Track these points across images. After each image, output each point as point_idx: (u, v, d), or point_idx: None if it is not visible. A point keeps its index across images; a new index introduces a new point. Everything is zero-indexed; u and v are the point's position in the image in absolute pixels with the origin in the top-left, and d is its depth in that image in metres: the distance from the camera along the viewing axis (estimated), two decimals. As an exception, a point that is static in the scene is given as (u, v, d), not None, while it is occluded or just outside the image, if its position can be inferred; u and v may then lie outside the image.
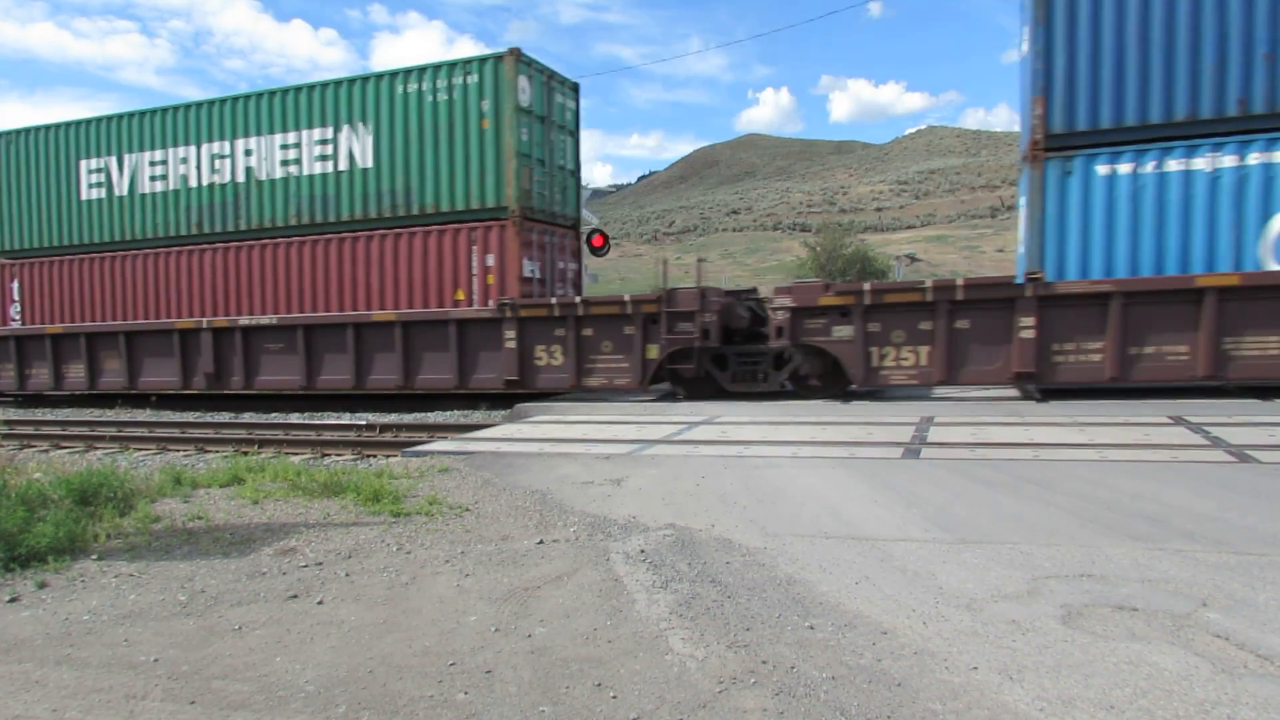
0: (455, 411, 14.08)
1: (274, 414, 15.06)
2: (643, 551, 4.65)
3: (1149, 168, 10.27)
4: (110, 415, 15.36)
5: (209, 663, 3.44)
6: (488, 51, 13.61)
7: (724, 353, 12.44)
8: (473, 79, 13.81)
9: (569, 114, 15.40)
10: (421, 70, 14.23)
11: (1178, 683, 2.89)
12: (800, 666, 3.15)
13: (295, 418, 14.26)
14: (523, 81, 13.73)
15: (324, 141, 14.98)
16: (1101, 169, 10.47)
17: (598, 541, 4.91)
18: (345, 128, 14.75)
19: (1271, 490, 5.54)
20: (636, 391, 13.01)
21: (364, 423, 12.38)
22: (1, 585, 4.49)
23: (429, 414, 13.96)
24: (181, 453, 10.73)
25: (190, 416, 15.05)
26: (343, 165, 14.81)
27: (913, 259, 64.32)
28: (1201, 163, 10.06)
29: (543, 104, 14.39)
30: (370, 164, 14.57)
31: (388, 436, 11.33)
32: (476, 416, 13.29)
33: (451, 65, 14.12)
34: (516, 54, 13.65)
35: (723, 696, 2.95)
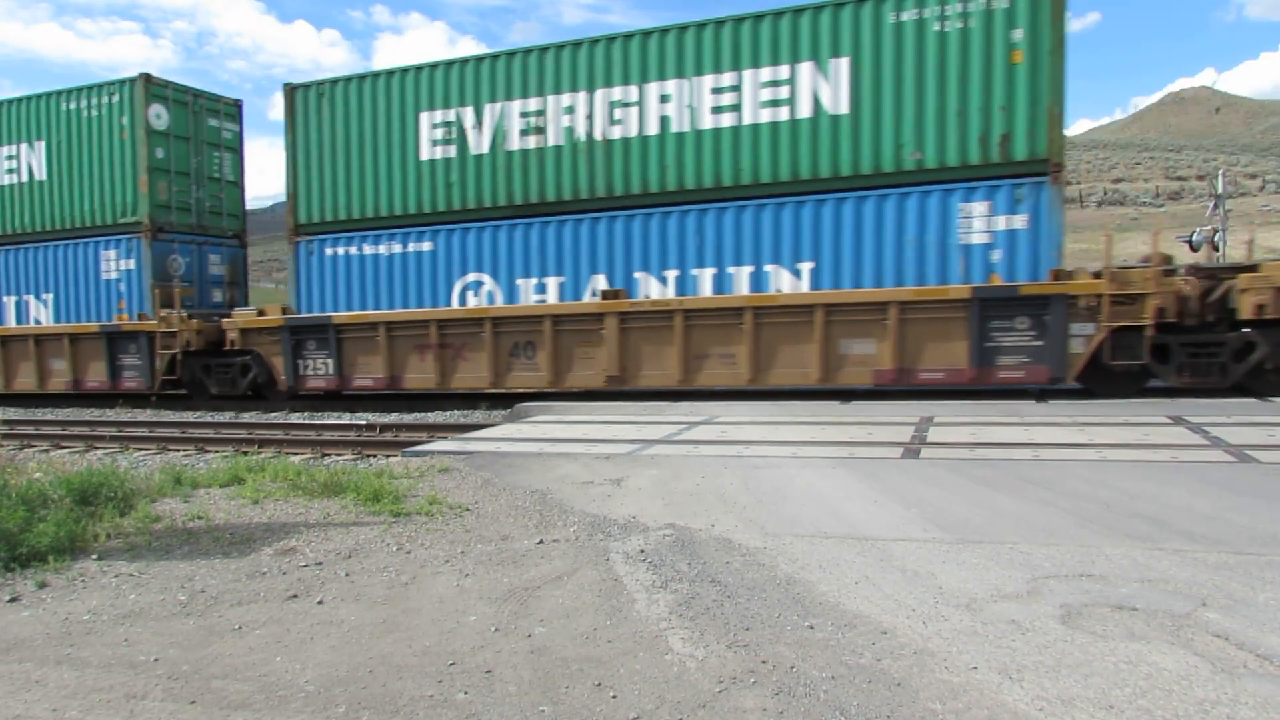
0: (455, 411, 14.08)
1: (274, 414, 15.06)
2: (642, 551, 4.66)
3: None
4: (110, 415, 15.36)
5: (209, 662, 3.44)
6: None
7: None
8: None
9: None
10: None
11: (1177, 682, 2.90)
12: (800, 666, 3.15)
13: (295, 418, 14.26)
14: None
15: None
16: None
17: (597, 541, 4.91)
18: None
19: (1271, 490, 5.54)
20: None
21: (364, 423, 12.38)
22: (2, 585, 4.50)
23: (429, 414, 13.96)
24: (181, 453, 10.73)
25: (190, 416, 15.04)
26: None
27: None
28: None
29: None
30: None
31: (388, 436, 11.33)
32: (476, 416, 13.29)
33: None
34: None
35: (722, 696, 2.96)
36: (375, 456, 9.79)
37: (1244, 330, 10.66)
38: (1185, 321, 10.83)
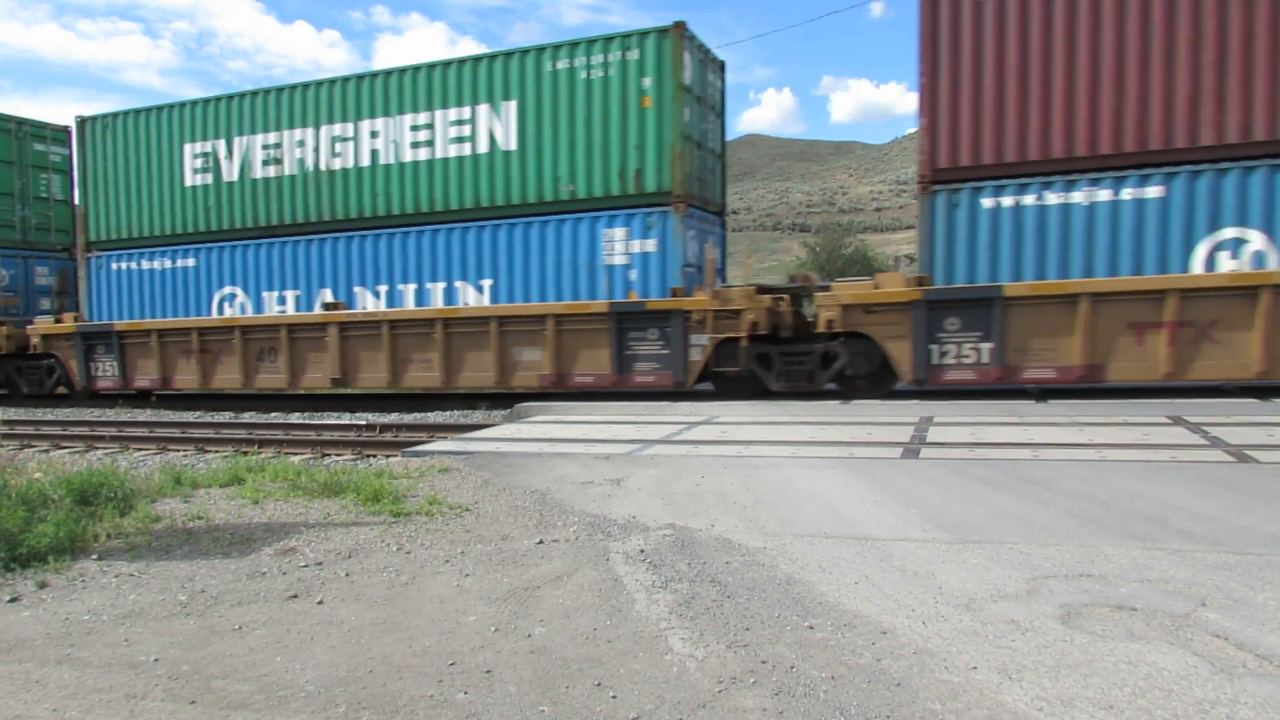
0: (455, 411, 14.09)
1: (274, 414, 15.07)
2: (642, 551, 4.66)
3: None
4: (110, 415, 15.37)
5: (209, 662, 3.44)
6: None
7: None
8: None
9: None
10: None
11: (1177, 682, 2.90)
12: (800, 666, 3.15)
13: (295, 417, 14.27)
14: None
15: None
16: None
17: (597, 541, 4.92)
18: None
19: (1270, 490, 5.54)
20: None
21: (364, 423, 12.38)
22: (2, 585, 4.50)
23: (429, 414, 13.97)
24: (181, 453, 10.74)
25: (190, 416, 15.06)
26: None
27: (911, 259, 64.32)
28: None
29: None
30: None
31: (388, 436, 11.33)
32: (476, 416, 13.29)
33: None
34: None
35: (722, 696, 2.96)
36: (375, 456, 9.80)
37: (829, 341, 12.01)
38: (782, 334, 12.30)
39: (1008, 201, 11.53)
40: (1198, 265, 10.77)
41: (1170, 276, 10.57)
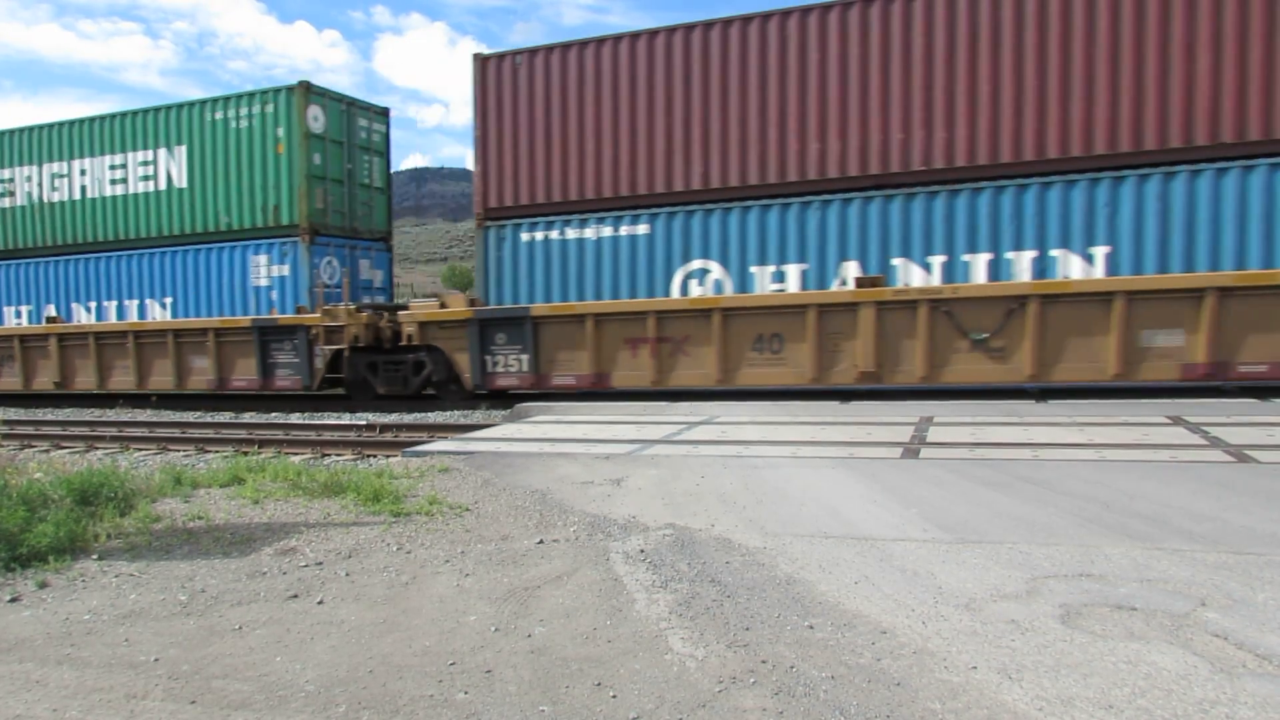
0: (455, 411, 14.08)
1: (274, 414, 15.07)
2: (642, 551, 4.66)
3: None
4: (111, 415, 15.37)
5: (209, 662, 3.45)
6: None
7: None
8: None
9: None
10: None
11: (1176, 682, 2.90)
12: (800, 666, 3.16)
13: (295, 418, 14.27)
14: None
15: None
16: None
17: (598, 541, 4.92)
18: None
19: (1270, 490, 5.54)
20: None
21: (364, 423, 12.38)
22: (2, 585, 4.50)
23: (429, 414, 13.97)
24: (182, 453, 10.74)
25: (190, 416, 15.05)
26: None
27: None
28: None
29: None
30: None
31: (388, 436, 11.33)
32: (476, 416, 13.29)
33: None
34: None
35: (722, 696, 2.96)
36: (375, 456, 9.80)
37: (417, 351, 13.96)
38: (385, 345, 14.42)
39: (539, 236, 14.26)
40: (675, 291, 13.39)
41: (651, 300, 12.95)
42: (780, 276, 12.75)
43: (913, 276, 12.18)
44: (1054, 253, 11.50)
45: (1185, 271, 10.85)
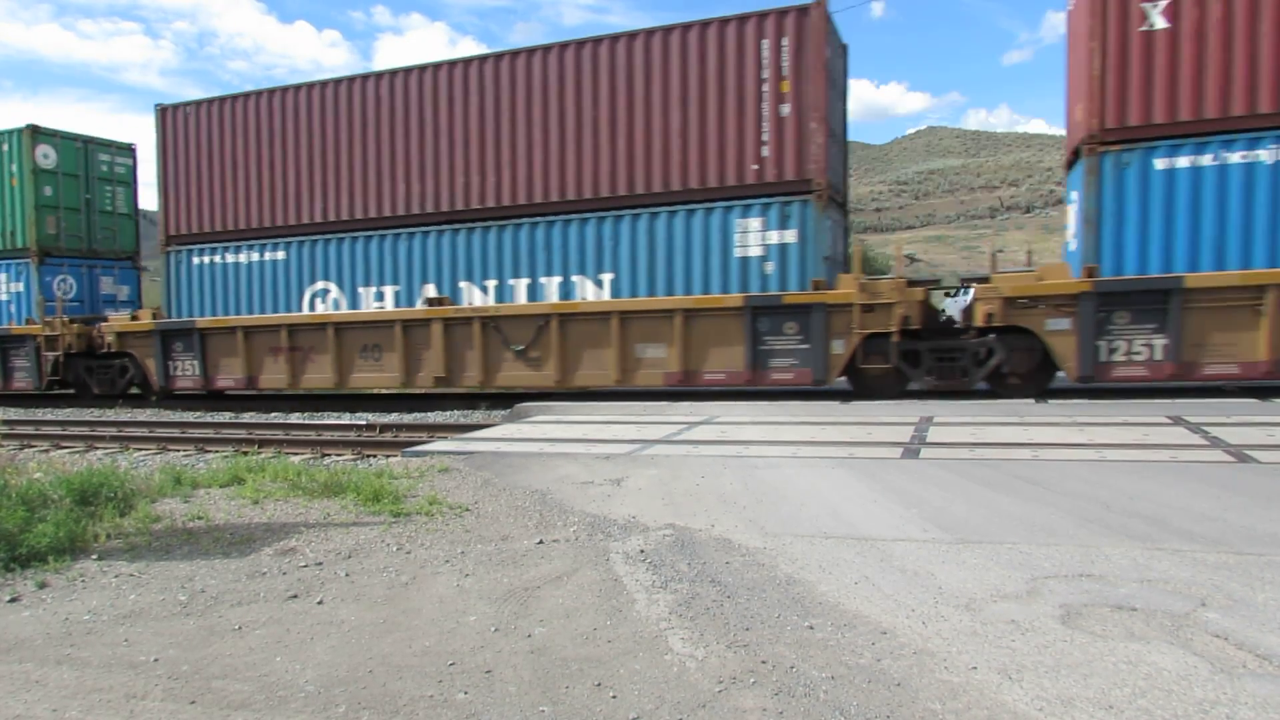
0: (455, 411, 14.09)
1: (274, 414, 15.07)
2: (642, 551, 4.66)
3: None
4: (110, 415, 15.37)
5: (209, 662, 3.44)
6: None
7: None
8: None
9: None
10: None
11: (1177, 682, 2.90)
12: (800, 666, 3.15)
13: (295, 418, 14.27)
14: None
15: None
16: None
17: (597, 541, 4.92)
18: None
19: (1270, 490, 5.54)
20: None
21: (364, 423, 12.38)
22: (2, 585, 4.50)
23: (429, 414, 13.98)
24: (181, 453, 10.73)
25: (190, 416, 15.05)
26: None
27: (912, 259, 64.42)
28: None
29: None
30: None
31: (388, 436, 11.33)
32: (476, 416, 13.30)
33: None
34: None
35: (722, 696, 2.96)
36: (375, 456, 9.80)
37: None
38: (97, 352, 16.05)
39: (206, 260, 16.44)
40: (305, 307, 15.52)
41: (285, 315, 15.35)
42: (380, 296, 15.07)
43: (474, 297, 14.42)
44: (574, 278, 13.81)
45: (666, 295, 13.09)
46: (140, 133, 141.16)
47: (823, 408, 10.81)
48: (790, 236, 12.58)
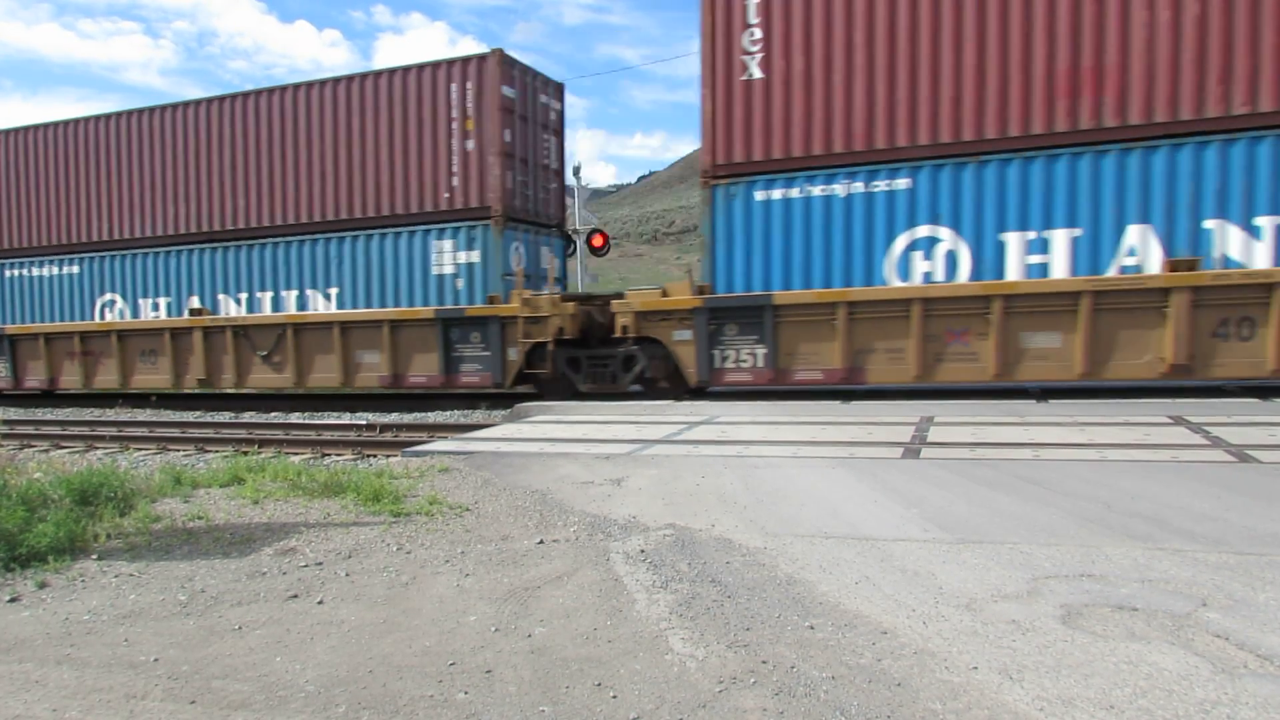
0: (455, 411, 14.09)
1: (274, 414, 15.07)
2: (643, 551, 4.65)
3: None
4: (110, 415, 15.37)
5: (209, 662, 3.44)
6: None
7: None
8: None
9: None
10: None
11: (1177, 683, 2.89)
12: (800, 666, 3.15)
13: (295, 417, 14.27)
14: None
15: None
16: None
17: (598, 541, 4.91)
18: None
19: (1271, 490, 5.54)
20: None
21: (364, 423, 12.38)
22: (1, 585, 4.50)
23: (429, 414, 13.97)
24: (181, 452, 10.73)
25: (190, 416, 15.06)
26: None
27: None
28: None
29: None
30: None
31: (388, 436, 11.33)
32: (476, 416, 13.30)
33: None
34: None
35: (723, 696, 2.96)
36: (375, 456, 9.80)
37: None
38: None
39: (28, 272, 18.30)
40: (97, 315, 17.45)
41: (77, 323, 17.04)
42: (155, 307, 17.04)
43: (230, 308, 16.26)
44: (309, 292, 15.76)
45: (379, 307, 15.02)
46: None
47: (823, 408, 10.80)
48: (475, 256, 14.61)
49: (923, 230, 11.76)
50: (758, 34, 12.33)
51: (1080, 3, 10.81)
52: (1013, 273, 11.35)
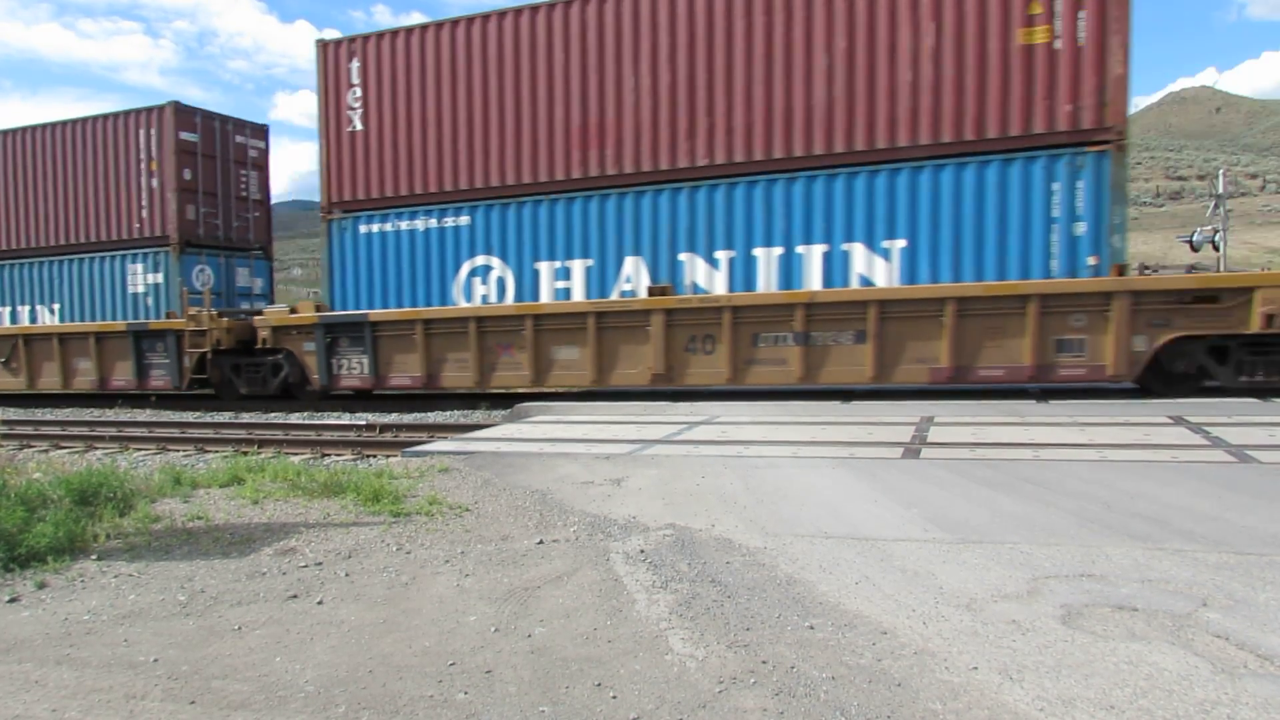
0: (455, 411, 14.08)
1: (274, 414, 15.06)
2: (643, 551, 4.65)
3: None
4: (110, 415, 15.36)
5: (209, 663, 3.44)
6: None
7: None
8: None
9: None
10: None
11: (1178, 683, 2.89)
12: (800, 666, 3.15)
13: (295, 417, 14.26)
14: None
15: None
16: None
17: (598, 541, 4.91)
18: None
19: (1271, 490, 5.54)
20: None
21: (364, 423, 12.37)
22: (1, 585, 4.49)
23: (429, 414, 13.97)
24: (181, 453, 10.73)
25: (190, 416, 15.05)
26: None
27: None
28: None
29: None
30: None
31: (388, 436, 11.32)
32: (476, 416, 13.29)
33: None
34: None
35: (722, 696, 2.95)
36: (375, 456, 9.79)
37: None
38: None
39: None
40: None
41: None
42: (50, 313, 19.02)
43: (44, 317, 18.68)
44: (39, 307, 18.48)
45: (92, 321, 17.47)
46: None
47: (824, 408, 10.80)
48: (159, 278, 17.24)
49: (480, 260, 14.20)
50: (359, 93, 14.92)
51: (587, 72, 13.30)
52: (545, 296, 13.68)
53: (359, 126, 14.95)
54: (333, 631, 3.73)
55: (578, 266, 13.54)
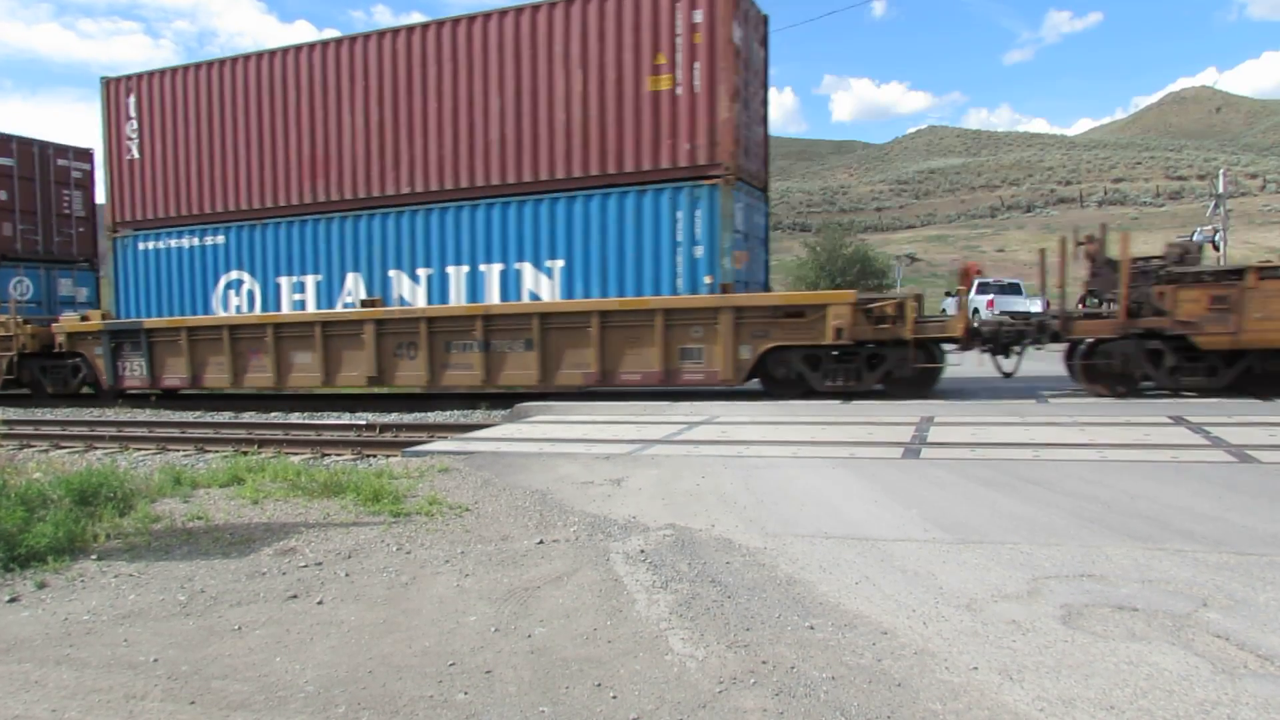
0: (455, 411, 14.08)
1: (274, 414, 15.06)
2: (643, 551, 4.65)
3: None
4: (110, 415, 15.36)
5: (209, 663, 3.44)
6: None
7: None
8: None
9: None
10: None
11: (1178, 683, 2.89)
12: (800, 666, 3.15)
13: (295, 417, 14.26)
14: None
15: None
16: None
17: (598, 541, 4.91)
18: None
19: (1272, 490, 5.54)
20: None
21: (364, 423, 12.37)
22: (1, 585, 4.49)
23: (429, 414, 13.97)
24: (181, 453, 10.72)
25: (190, 416, 15.04)
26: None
27: (912, 259, 64.40)
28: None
29: None
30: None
31: (388, 436, 11.32)
32: (476, 416, 13.29)
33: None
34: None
35: (723, 696, 2.95)
36: (375, 456, 9.78)
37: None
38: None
39: None
40: None
41: None
42: None
43: None
44: None
45: None
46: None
47: (824, 407, 10.80)
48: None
49: (234, 274, 16.13)
50: (136, 125, 16.88)
51: (314, 110, 15.28)
52: (285, 307, 15.45)
53: (136, 155, 17.07)
54: (333, 631, 3.72)
55: (310, 281, 15.51)
